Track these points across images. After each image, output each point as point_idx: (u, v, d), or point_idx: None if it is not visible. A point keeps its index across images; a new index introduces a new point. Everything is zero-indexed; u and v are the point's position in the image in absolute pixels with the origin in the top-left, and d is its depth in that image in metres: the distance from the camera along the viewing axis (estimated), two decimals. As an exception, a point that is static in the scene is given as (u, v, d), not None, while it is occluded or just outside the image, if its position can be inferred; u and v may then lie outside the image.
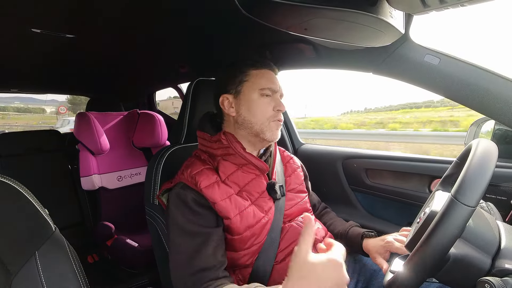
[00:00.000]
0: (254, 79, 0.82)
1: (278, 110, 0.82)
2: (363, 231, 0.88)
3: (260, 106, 0.81)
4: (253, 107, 0.81)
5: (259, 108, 0.81)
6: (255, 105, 0.81)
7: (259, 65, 0.84)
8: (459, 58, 0.87)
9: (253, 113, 0.81)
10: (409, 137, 6.80)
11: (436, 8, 0.59)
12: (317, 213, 1.03)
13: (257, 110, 0.81)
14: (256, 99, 0.81)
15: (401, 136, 6.98)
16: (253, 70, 0.83)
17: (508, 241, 0.53)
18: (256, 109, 0.81)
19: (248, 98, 0.81)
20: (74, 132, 1.68)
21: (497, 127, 1.00)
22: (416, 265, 0.48)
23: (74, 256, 0.61)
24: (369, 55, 0.98)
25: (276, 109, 0.81)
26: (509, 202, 0.83)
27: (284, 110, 0.83)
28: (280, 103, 0.83)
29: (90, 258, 1.66)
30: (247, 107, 0.81)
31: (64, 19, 0.94)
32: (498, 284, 0.45)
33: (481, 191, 0.46)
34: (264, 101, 0.81)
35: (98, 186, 1.67)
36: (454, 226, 0.45)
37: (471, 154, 0.52)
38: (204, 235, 0.71)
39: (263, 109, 0.81)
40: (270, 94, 0.82)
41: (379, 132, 8.41)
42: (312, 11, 0.63)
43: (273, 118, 0.81)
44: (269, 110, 0.81)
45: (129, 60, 1.53)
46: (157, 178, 0.92)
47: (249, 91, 0.82)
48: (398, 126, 9.42)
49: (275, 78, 0.85)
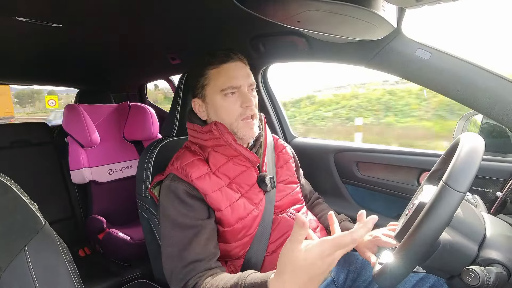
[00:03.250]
0: (213, 80, 0.78)
1: (246, 106, 0.78)
2: (352, 227, 0.88)
3: (225, 107, 0.78)
4: (219, 110, 0.79)
5: (224, 110, 0.78)
6: (221, 108, 0.78)
7: (216, 62, 0.78)
8: (449, 53, 0.88)
9: (220, 117, 0.79)
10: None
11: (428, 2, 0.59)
12: (309, 203, 1.03)
13: (223, 113, 0.78)
14: (219, 101, 0.78)
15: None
16: (211, 70, 0.78)
17: (492, 231, 0.55)
18: (222, 112, 0.78)
19: (213, 102, 0.79)
20: (63, 124, 1.64)
21: (485, 121, 1.02)
22: (407, 251, 0.49)
23: (65, 250, 0.61)
24: (362, 48, 0.98)
25: (244, 106, 0.78)
26: (494, 194, 0.86)
27: (253, 104, 0.78)
28: (246, 98, 0.77)
29: (81, 251, 1.65)
30: (214, 111, 0.79)
31: (50, 7, 0.91)
32: (482, 273, 0.46)
33: (470, 178, 0.48)
34: (229, 101, 0.78)
35: (89, 180, 1.65)
36: (446, 211, 0.47)
37: (461, 145, 0.55)
38: (196, 227, 0.71)
39: (229, 110, 0.78)
40: (234, 91, 0.78)
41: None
42: (305, 4, 0.62)
43: (242, 117, 0.78)
44: (235, 109, 0.78)
45: (119, 51, 1.50)
46: (149, 171, 0.91)
47: (212, 95, 0.79)
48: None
49: (238, 70, 0.79)
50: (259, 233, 0.79)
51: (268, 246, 0.79)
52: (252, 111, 0.79)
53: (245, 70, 0.81)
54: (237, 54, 0.81)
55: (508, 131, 0.94)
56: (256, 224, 0.79)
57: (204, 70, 0.79)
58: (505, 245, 0.52)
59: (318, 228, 0.90)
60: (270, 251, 0.79)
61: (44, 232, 0.59)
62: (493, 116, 0.85)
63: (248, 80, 0.80)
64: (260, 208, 0.80)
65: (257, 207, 0.80)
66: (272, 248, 0.80)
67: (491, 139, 1.00)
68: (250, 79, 0.80)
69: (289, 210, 0.86)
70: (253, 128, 0.80)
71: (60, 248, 0.60)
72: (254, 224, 0.78)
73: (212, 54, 0.79)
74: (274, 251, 0.79)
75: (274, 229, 0.81)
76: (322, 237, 0.48)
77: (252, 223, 0.78)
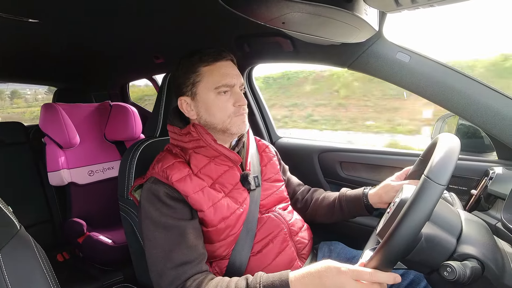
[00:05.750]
0: (207, 77, 0.77)
1: (239, 105, 0.78)
2: (362, 189, 0.90)
3: (219, 105, 0.77)
4: (212, 108, 0.77)
5: (217, 108, 0.77)
6: (213, 105, 0.77)
7: (209, 59, 0.77)
8: (428, 57, 0.91)
9: (212, 114, 0.78)
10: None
11: (408, 7, 0.61)
12: (304, 197, 1.02)
13: (216, 110, 0.77)
14: (213, 99, 0.77)
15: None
16: (204, 67, 0.77)
17: (467, 227, 0.58)
18: (215, 110, 0.77)
19: (204, 99, 0.77)
20: (40, 124, 1.58)
21: (461, 122, 1.07)
22: (392, 244, 0.51)
23: (41, 254, 0.58)
24: (345, 51, 1.00)
25: (237, 105, 0.78)
26: (469, 192, 0.89)
27: (245, 103, 0.79)
28: (240, 97, 0.78)
29: (59, 256, 1.59)
30: (205, 108, 0.78)
31: (26, 1, 0.87)
32: (458, 268, 0.49)
33: (449, 172, 0.51)
34: (222, 99, 0.77)
35: (68, 182, 1.59)
36: (429, 203, 0.49)
37: (439, 143, 0.58)
38: (180, 227, 0.71)
39: (222, 108, 0.77)
40: (228, 89, 0.77)
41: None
42: (290, 5, 0.63)
43: (235, 114, 0.78)
44: (229, 107, 0.77)
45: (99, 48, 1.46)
46: (131, 173, 0.89)
47: (204, 92, 0.77)
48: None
49: (230, 69, 0.79)
50: (244, 233, 0.79)
51: (253, 245, 0.79)
52: (244, 110, 0.80)
53: (236, 69, 0.81)
54: (228, 53, 0.81)
55: (481, 131, 0.99)
56: (241, 223, 0.79)
57: (196, 67, 0.78)
58: (479, 241, 0.55)
59: (305, 227, 0.91)
60: (256, 251, 0.79)
61: (19, 237, 0.56)
62: (467, 118, 0.89)
63: (240, 79, 0.80)
64: (244, 207, 0.80)
65: (241, 206, 0.80)
66: (258, 248, 0.80)
67: (466, 139, 1.04)
68: (241, 79, 0.81)
69: (275, 209, 0.87)
70: (245, 122, 0.80)
71: (37, 253, 0.58)
72: (238, 223, 0.78)
73: (202, 52, 0.78)
74: (259, 251, 0.79)
75: (260, 228, 0.81)
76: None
77: (236, 222, 0.78)
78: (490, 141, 0.95)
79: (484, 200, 0.83)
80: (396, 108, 3.36)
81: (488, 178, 0.84)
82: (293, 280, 0.59)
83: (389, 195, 0.81)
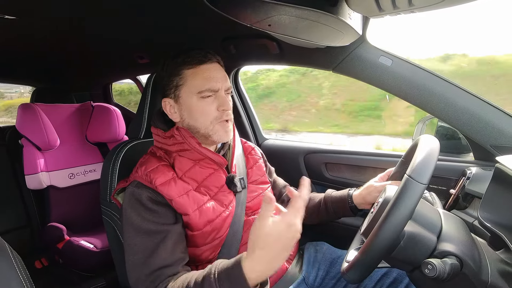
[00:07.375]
0: (190, 81, 0.75)
1: (222, 109, 0.76)
2: (347, 190, 0.91)
3: (201, 109, 0.75)
4: (194, 112, 0.76)
5: (200, 112, 0.75)
6: (196, 109, 0.75)
7: (194, 62, 0.75)
8: (409, 61, 0.94)
9: (195, 118, 0.76)
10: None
11: (390, 12, 0.63)
12: (290, 198, 1.03)
13: (198, 115, 0.75)
14: (195, 103, 0.75)
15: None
16: (187, 70, 0.75)
17: (446, 225, 0.60)
18: (197, 114, 0.76)
19: (187, 103, 0.76)
20: (17, 125, 1.51)
21: (440, 124, 1.11)
22: (375, 243, 0.52)
23: (18, 261, 0.56)
24: (330, 54, 1.02)
25: (220, 109, 0.76)
26: (448, 191, 0.93)
27: (229, 108, 0.77)
28: (224, 101, 0.76)
29: (38, 263, 1.52)
30: (188, 112, 0.76)
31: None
32: (438, 265, 0.51)
33: (430, 171, 0.54)
34: (205, 103, 0.75)
35: (46, 185, 1.53)
36: (411, 201, 0.52)
37: (420, 144, 0.61)
38: (162, 232, 0.69)
39: (205, 113, 0.75)
40: (211, 94, 0.75)
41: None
42: (276, 8, 0.64)
43: (218, 120, 0.76)
44: (212, 111, 0.76)
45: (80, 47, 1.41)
46: (114, 175, 0.87)
47: (187, 96, 0.75)
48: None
49: (215, 72, 0.76)
50: (230, 235, 0.78)
51: (239, 248, 0.79)
52: (228, 116, 0.78)
53: (222, 72, 0.79)
54: (215, 55, 0.78)
55: (459, 133, 1.03)
56: (227, 226, 0.78)
57: (179, 69, 0.76)
58: (458, 238, 0.57)
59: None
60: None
61: None
62: (446, 120, 0.92)
63: (225, 83, 0.77)
64: (230, 210, 0.79)
65: (227, 208, 0.79)
66: (244, 251, 0.79)
67: (445, 141, 1.08)
68: (227, 82, 0.78)
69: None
70: (228, 131, 0.79)
71: (13, 260, 0.55)
72: (224, 226, 0.78)
73: (187, 53, 0.76)
74: None
75: (246, 230, 0.81)
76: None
77: (222, 225, 0.77)
78: (467, 142, 0.99)
79: (462, 199, 0.87)
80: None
81: (466, 178, 0.87)
82: (245, 256, 0.57)
83: (372, 195, 0.83)
